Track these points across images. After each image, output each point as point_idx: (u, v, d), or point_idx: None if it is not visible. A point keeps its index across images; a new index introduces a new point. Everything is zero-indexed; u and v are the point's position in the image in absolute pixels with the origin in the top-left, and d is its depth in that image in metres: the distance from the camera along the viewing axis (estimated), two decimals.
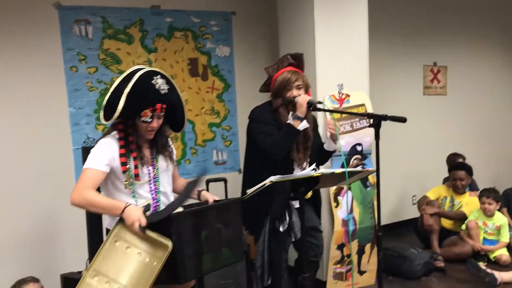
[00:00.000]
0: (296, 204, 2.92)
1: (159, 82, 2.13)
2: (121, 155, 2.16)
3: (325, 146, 2.91)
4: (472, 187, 5.04)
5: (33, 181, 3.53)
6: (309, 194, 2.79)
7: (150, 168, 2.26)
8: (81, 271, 2.42)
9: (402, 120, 2.13)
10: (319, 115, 3.58)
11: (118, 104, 2.06)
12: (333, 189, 3.63)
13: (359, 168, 2.43)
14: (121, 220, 2.06)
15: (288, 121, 2.74)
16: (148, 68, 2.18)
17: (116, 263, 2.03)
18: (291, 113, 2.76)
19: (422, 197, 4.81)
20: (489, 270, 3.74)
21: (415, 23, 5.30)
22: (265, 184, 2.21)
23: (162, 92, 2.14)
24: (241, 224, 2.40)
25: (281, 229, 2.83)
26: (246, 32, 4.33)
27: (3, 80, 3.41)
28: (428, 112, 5.46)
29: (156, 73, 2.16)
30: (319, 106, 2.72)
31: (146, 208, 2.20)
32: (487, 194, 4.41)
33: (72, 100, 3.63)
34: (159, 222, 2.03)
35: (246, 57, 4.32)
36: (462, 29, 5.67)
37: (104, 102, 2.13)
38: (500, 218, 4.39)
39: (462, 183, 4.60)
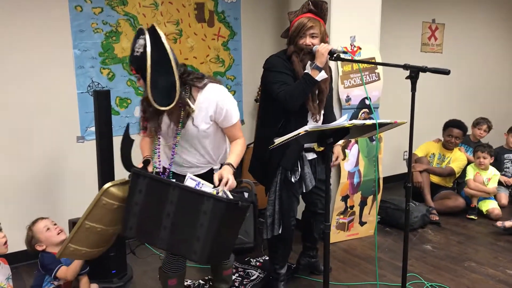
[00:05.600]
0: (309, 155, 2.92)
1: (138, 43, 2.00)
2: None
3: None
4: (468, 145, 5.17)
5: (37, 125, 3.41)
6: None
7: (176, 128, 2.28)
8: None
9: (445, 72, 2.08)
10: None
11: None
12: (340, 142, 3.64)
13: (388, 120, 2.41)
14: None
15: (305, 71, 2.66)
16: (140, 27, 2.08)
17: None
18: (309, 62, 2.67)
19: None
20: None
21: None
22: (299, 133, 2.10)
23: (134, 54, 2.01)
24: (209, 226, 1.98)
25: (292, 179, 2.83)
26: None
27: (6, 19, 3.20)
28: None
29: (142, 32, 2.02)
30: (343, 56, 2.65)
31: (146, 162, 2.29)
32: (481, 149, 4.57)
33: (76, 41, 3.46)
34: None
35: (253, 4, 4.18)
36: None
37: None
38: (492, 172, 4.57)
39: (456, 141, 4.71)
